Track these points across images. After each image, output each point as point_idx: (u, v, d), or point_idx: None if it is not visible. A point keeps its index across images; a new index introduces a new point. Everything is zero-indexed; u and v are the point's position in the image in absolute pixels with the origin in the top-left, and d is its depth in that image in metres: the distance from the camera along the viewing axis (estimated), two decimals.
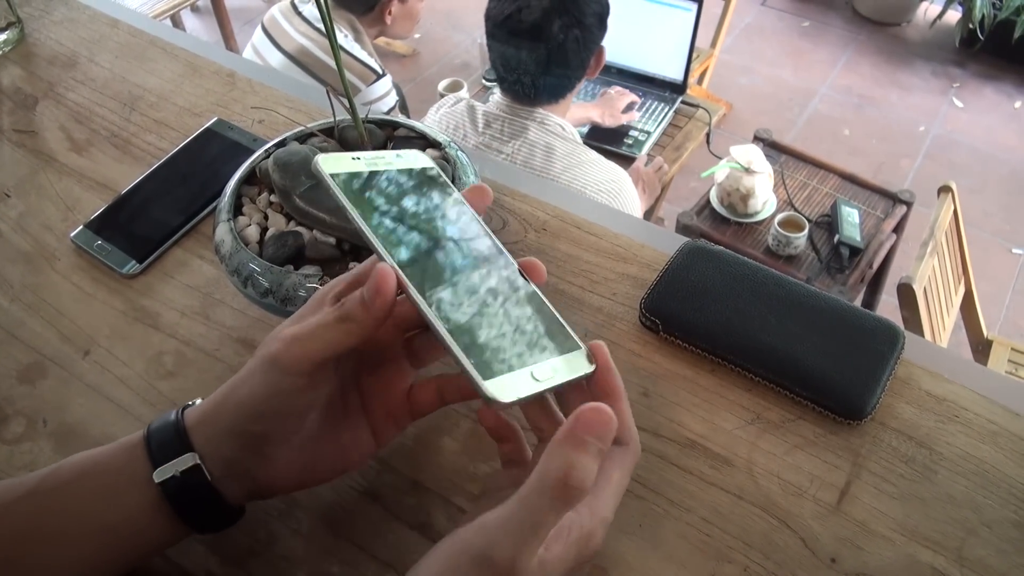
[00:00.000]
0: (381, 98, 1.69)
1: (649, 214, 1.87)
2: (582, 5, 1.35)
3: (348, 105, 0.47)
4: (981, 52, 3.19)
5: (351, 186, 0.39)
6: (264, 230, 0.49)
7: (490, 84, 2.07)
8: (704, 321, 0.51)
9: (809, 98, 3.10)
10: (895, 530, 0.43)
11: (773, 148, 2.00)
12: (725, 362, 0.50)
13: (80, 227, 0.62)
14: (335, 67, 0.46)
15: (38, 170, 0.68)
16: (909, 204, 1.86)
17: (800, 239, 1.71)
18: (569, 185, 1.37)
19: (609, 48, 1.48)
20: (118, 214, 0.63)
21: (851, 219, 1.77)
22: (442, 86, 2.05)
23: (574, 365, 0.37)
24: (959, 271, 1.76)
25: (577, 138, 1.48)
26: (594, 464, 0.30)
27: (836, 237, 1.75)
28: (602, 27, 1.41)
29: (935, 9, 3.32)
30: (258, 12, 2.76)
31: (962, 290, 1.79)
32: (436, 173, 0.43)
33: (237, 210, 0.50)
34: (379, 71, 1.68)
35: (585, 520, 0.33)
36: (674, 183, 2.07)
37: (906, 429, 0.47)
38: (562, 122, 1.44)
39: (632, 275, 0.57)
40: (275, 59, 1.69)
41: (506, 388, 0.35)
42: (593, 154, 1.43)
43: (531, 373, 0.35)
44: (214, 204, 0.58)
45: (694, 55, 2.05)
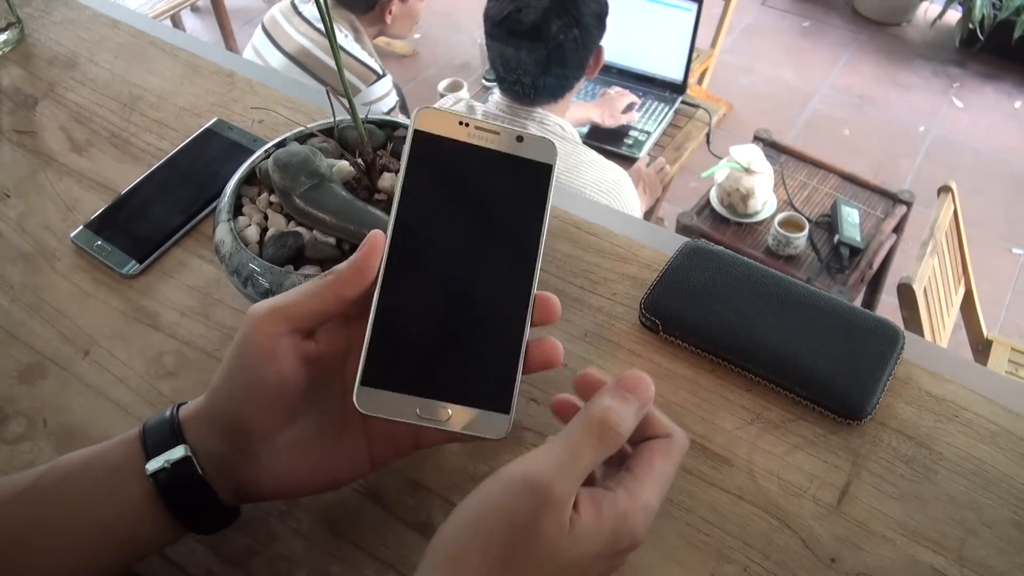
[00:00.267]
0: (381, 98, 1.69)
1: (649, 214, 1.87)
2: (580, 5, 1.35)
3: (348, 105, 0.47)
4: (981, 52, 3.19)
5: (425, 149, 0.36)
6: (264, 230, 0.49)
7: (490, 84, 2.07)
8: (704, 321, 0.51)
9: (809, 98, 3.10)
10: (895, 530, 0.43)
11: (773, 148, 2.00)
12: (725, 362, 0.50)
13: (80, 227, 0.62)
14: (335, 67, 0.46)
15: (38, 170, 0.68)
16: (909, 204, 1.86)
17: (800, 239, 1.71)
18: (569, 185, 1.37)
19: (609, 48, 1.48)
20: (118, 214, 0.63)
21: (851, 219, 1.77)
22: (442, 86, 2.05)
23: (486, 425, 0.35)
24: (959, 271, 1.76)
25: (576, 138, 1.48)
26: (631, 416, 0.33)
27: (836, 237, 1.75)
28: (601, 27, 1.41)
29: (935, 9, 3.32)
30: (258, 12, 2.76)
31: (962, 290, 1.79)
32: (546, 175, 0.37)
33: (237, 210, 0.50)
34: (379, 71, 1.67)
35: (621, 498, 0.33)
36: (674, 183, 2.07)
37: (906, 429, 0.47)
38: (561, 122, 1.44)
39: (632, 275, 0.57)
40: (275, 60, 1.69)
41: (376, 401, 0.34)
42: (592, 154, 1.44)
43: (417, 409, 0.34)
44: (214, 204, 0.58)
45: (694, 55, 2.05)
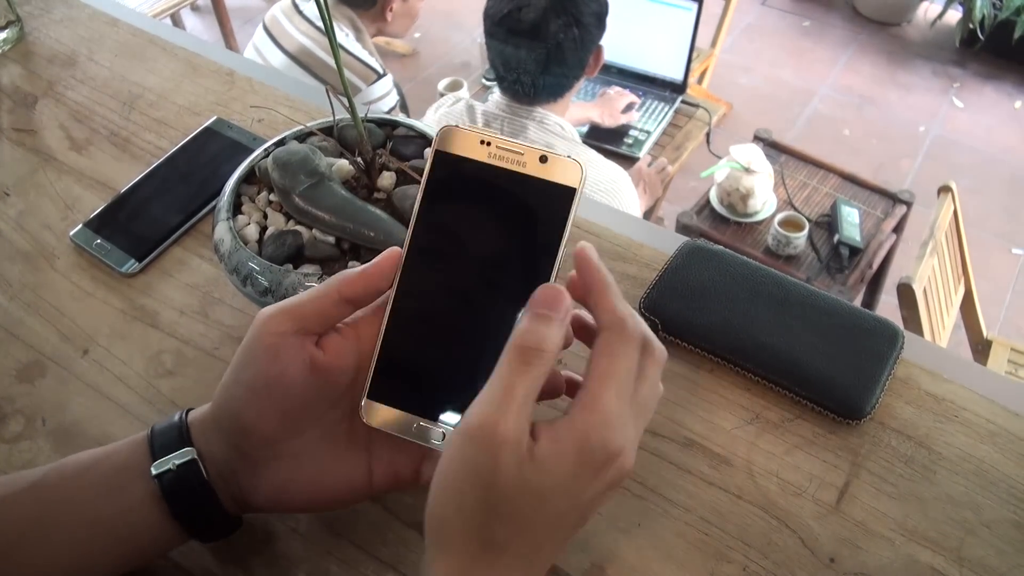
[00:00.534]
0: (382, 98, 1.69)
1: (649, 214, 1.87)
2: (580, 4, 1.35)
3: (348, 104, 0.47)
4: (981, 52, 3.19)
5: (446, 168, 0.35)
6: (263, 229, 0.49)
7: (490, 83, 2.06)
8: (703, 321, 0.51)
9: (809, 98, 3.10)
10: (894, 530, 0.43)
11: (773, 148, 2.00)
12: (724, 362, 0.50)
13: (79, 226, 0.62)
14: (336, 67, 0.46)
15: (37, 169, 0.68)
16: (909, 204, 1.86)
17: (800, 239, 1.71)
18: None
19: (609, 48, 1.48)
20: (117, 213, 0.63)
21: (851, 219, 1.77)
22: (442, 85, 2.05)
23: None
24: (959, 271, 1.76)
25: (576, 137, 1.48)
26: (552, 331, 0.32)
27: (836, 237, 1.75)
28: (600, 26, 1.41)
29: (935, 9, 3.32)
30: (258, 11, 2.76)
31: (962, 290, 1.79)
32: (567, 200, 0.35)
33: (236, 209, 0.50)
34: (380, 71, 1.67)
35: (576, 414, 0.32)
36: (674, 183, 2.07)
37: (905, 429, 0.47)
38: (561, 121, 1.44)
39: (631, 275, 0.57)
40: (276, 59, 1.69)
41: (379, 416, 0.36)
42: (592, 153, 1.43)
43: (414, 427, 0.35)
44: (213, 203, 0.58)
45: (694, 55, 2.05)
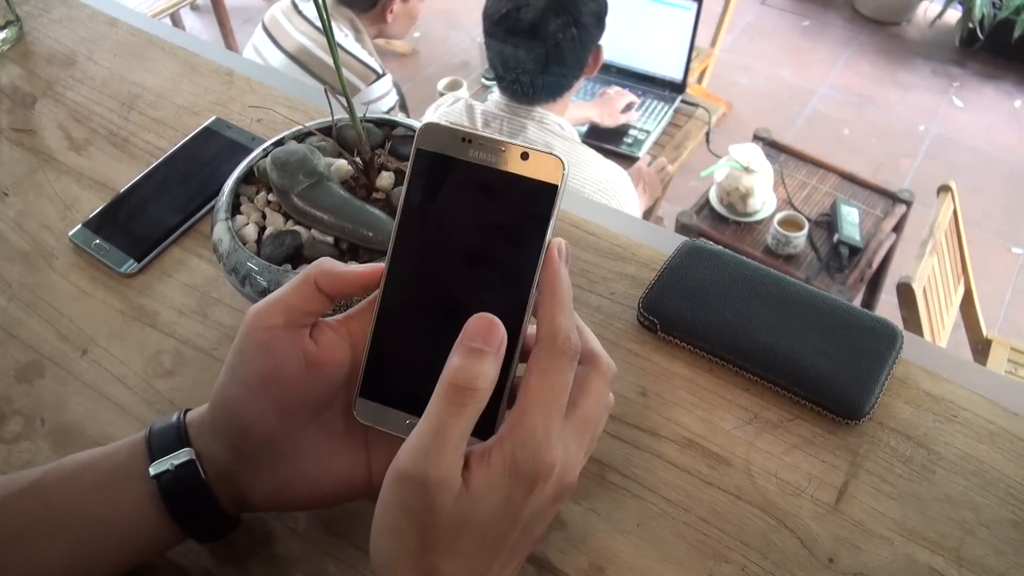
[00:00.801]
0: (381, 98, 1.69)
1: (648, 213, 1.87)
2: (579, 4, 1.35)
3: (346, 104, 0.47)
4: (981, 51, 3.19)
5: (427, 166, 0.35)
6: (262, 229, 0.49)
7: (489, 83, 2.07)
8: (703, 321, 0.51)
9: (809, 97, 3.10)
10: (893, 530, 0.43)
11: (772, 147, 2.00)
12: (723, 362, 0.50)
13: (78, 226, 0.62)
14: (334, 66, 0.45)
15: (36, 169, 0.68)
16: (908, 203, 1.86)
17: (799, 238, 1.71)
18: (567, 184, 1.37)
19: (609, 47, 1.48)
20: (116, 213, 0.62)
21: (850, 218, 1.77)
22: (441, 85, 2.05)
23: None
24: (958, 271, 1.76)
25: (575, 137, 1.48)
26: (485, 368, 0.31)
27: (835, 236, 1.75)
28: (600, 26, 1.41)
29: (935, 8, 3.32)
30: (257, 11, 2.76)
31: (961, 290, 1.79)
32: (549, 197, 0.35)
33: (235, 209, 0.50)
34: (379, 71, 1.67)
35: (505, 437, 0.31)
36: (673, 182, 2.07)
37: (904, 429, 0.47)
38: (560, 121, 1.44)
39: (630, 274, 0.57)
40: (276, 59, 1.69)
41: (372, 413, 0.36)
42: (591, 153, 1.43)
43: (406, 421, 0.36)
44: (212, 203, 0.58)
45: (694, 54, 2.05)
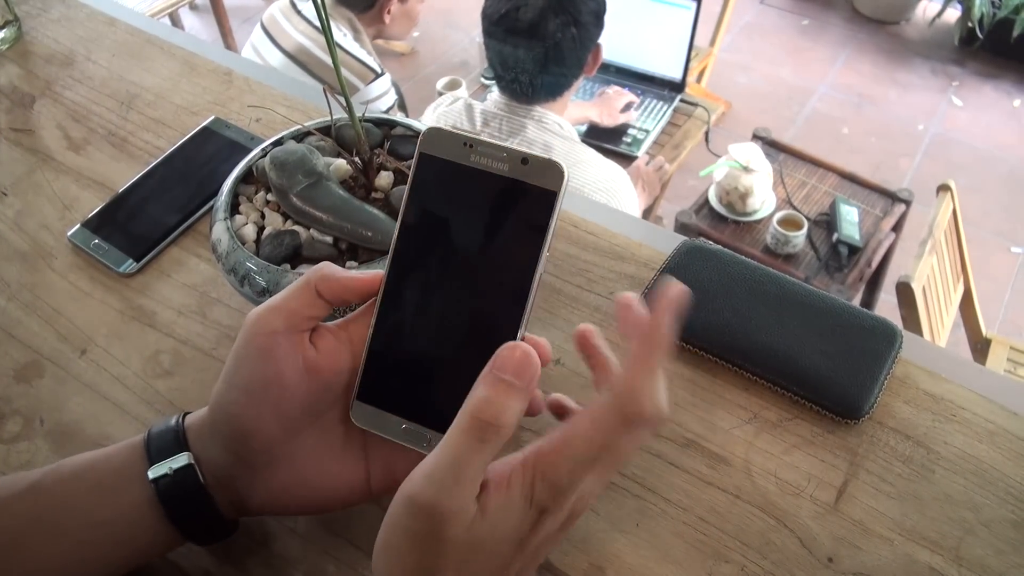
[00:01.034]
0: (379, 97, 1.69)
1: (647, 213, 1.87)
2: (578, 3, 1.35)
3: (345, 104, 0.47)
4: (980, 50, 3.19)
5: (429, 171, 0.35)
6: (261, 229, 0.49)
7: (488, 82, 2.07)
8: (702, 320, 0.51)
9: (808, 96, 3.10)
10: (893, 529, 0.43)
11: (772, 147, 2.00)
12: (723, 361, 0.50)
13: (77, 226, 0.62)
14: (333, 66, 0.45)
15: (35, 169, 0.68)
16: (908, 203, 1.86)
17: (799, 238, 1.71)
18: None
19: (608, 46, 1.48)
20: (115, 213, 0.62)
21: (850, 218, 1.77)
22: (440, 84, 2.05)
23: None
24: (958, 270, 1.76)
25: (575, 136, 1.48)
26: (511, 401, 0.30)
27: (835, 236, 1.75)
28: (599, 25, 1.41)
29: (934, 7, 3.32)
30: (256, 10, 2.76)
31: (961, 289, 1.79)
32: (549, 204, 0.35)
33: (234, 209, 0.50)
34: (378, 70, 1.67)
35: (530, 467, 0.30)
36: (673, 182, 2.07)
37: (904, 428, 0.47)
38: (560, 120, 1.44)
39: (630, 274, 0.56)
40: (275, 58, 1.69)
41: (370, 418, 0.36)
42: (590, 152, 1.43)
43: (402, 427, 0.36)
44: (211, 203, 0.58)
45: (693, 53, 2.05)
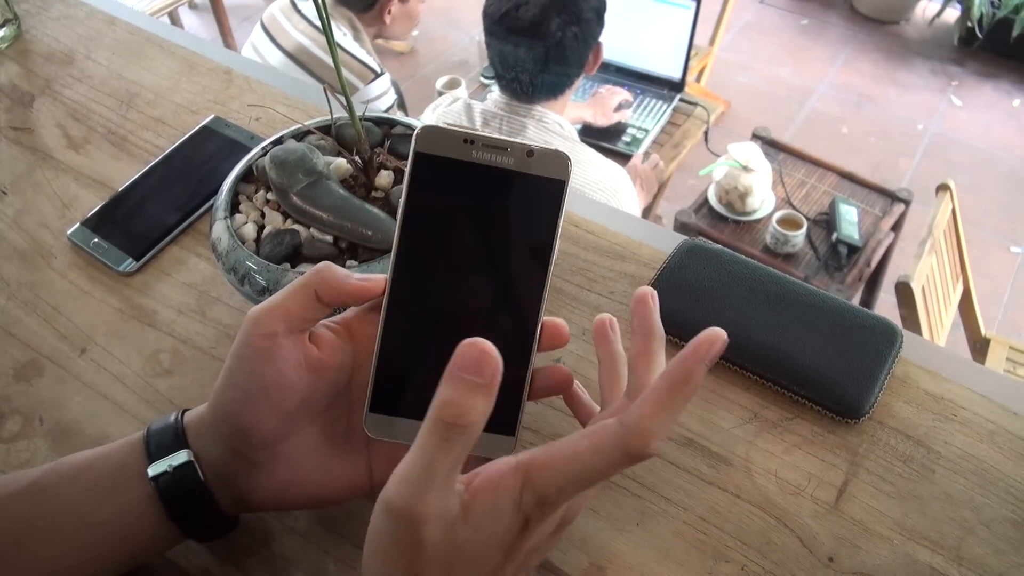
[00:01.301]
0: (379, 97, 1.69)
1: (647, 212, 1.87)
2: (580, 1, 1.35)
3: (345, 103, 0.47)
4: (980, 50, 3.19)
5: (428, 170, 0.35)
6: (261, 228, 0.49)
7: (488, 81, 2.06)
8: (702, 320, 0.51)
9: (808, 96, 3.10)
10: (893, 529, 0.43)
11: (771, 146, 2.01)
12: (723, 361, 0.50)
13: (77, 225, 0.62)
14: (333, 65, 0.45)
15: (35, 167, 0.68)
16: (907, 202, 1.86)
17: (798, 237, 1.71)
18: None
19: (607, 46, 1.48)
20: (115, 212, 0.62)
21: (849, 217, 1.78)
22: (440, 84, 2.05)
23: (491, 446, 0.35)
24: (957, 269, 1.76)
25: (575, 136, 1.48)
26: (473, 400, 0.29)
27: (834, 235, 1.75)
28: (600, 23, 1.41)
29: (934, 7, 3.32)
30: (256, 9, 2.76)
31: (960, 289, 1.79)
32: (558, 192, 0.35)
33: (234, 208, 0.50)
34: (378, 70, 1.67)
35: (521, 473, 0.30)
36: (672, 181, 2.07)
37: (904, 428, 0.47)
38: (560, 120, 1.44)
39: (630, 273, 0.56)
40: (274, 57, 1.69)
41: (385, 427, 0.36)
42: (590, 152, 1.43)
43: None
44: (211, 202, 0.58)
45: (692, 53, 2.05)
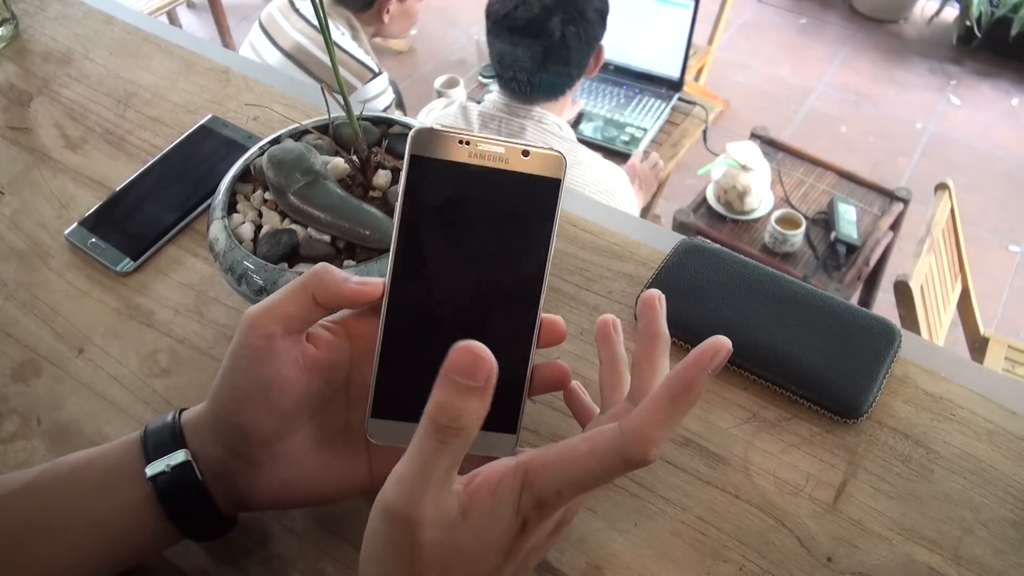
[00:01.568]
0: (377, 96, 1.69)
1: (645, 211, 1.87)
2: (583, 2, 1.35)
3: (343, 102, 0.47)
4: (978, 49, 3.19)
5: (424, 173, 0.34)
6: (258, 228, 0.49)
7: (487, 81, 2.06)
8: (700, 319, 0.51)
9: (806, 95, 3.10)
10: (891, 529, 0.43)
11: (770, 145, 2.01)
12: None
13: (74, 224, 0.61)
14: (331, 64, 0.45)
15: (32, 167, 0.67)
16: (906, 202, 1.86)
17: (797, 236, 1.71)
18: (566, 184, 1.37)
19: (606, 45, 1.48)
20: (112, 211, 0.62)
21: (848, 216, 1.78)
22: (438, 83, 2.05)
23: (493, 444, 0.35)
24: (956, 269, 1.76)
25: (573, 137, 1.48)
26: (467, 403, 0.28)
27: (833, 234, 1.75)
28: (603, 24, 1.41)
29: (932, 6, 3.32)
30: (254, 8, 2.76)
31: (959, 288, 1.79)
32: (554, 191, 0.36)
33: (231, 208, 0.50)
34: (376, 70, 1.67)
35: (520, 474, 0.31)
36: (671, 180, 2.07)
37: (902, 428, 0.47)
38: (559, 121, 1.44)
39: (628, 273, 0.56)
40: (273, 57, 1.68)
41: (388, 431, 0.36)
42: (589, 153, 1.43)
43: None
44: (208, 202, 0.57)
45: (691, 52, 2.05)
